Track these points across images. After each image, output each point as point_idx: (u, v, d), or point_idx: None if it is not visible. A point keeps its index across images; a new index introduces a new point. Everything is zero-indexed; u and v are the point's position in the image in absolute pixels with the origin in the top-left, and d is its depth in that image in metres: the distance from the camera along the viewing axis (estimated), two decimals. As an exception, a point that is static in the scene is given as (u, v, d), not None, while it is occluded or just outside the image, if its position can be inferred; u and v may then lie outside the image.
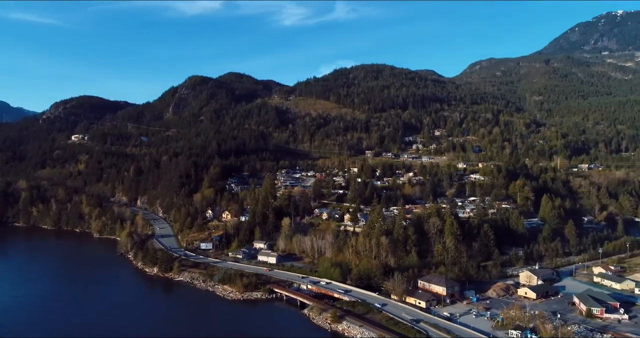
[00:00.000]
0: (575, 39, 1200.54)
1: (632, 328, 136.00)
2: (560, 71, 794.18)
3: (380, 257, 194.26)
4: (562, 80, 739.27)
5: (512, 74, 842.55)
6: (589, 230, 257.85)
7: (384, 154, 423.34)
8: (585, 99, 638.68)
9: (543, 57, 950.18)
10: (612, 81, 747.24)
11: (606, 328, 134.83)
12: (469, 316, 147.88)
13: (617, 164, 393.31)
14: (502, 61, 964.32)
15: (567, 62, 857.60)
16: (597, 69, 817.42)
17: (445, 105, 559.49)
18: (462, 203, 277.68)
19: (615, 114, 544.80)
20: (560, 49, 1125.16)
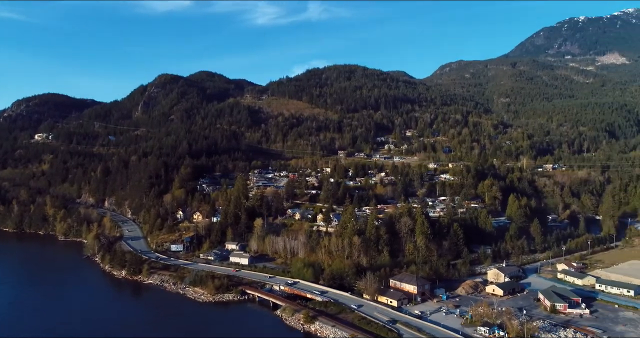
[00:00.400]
0: (540, 43, 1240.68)
1: (593, 322, 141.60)
2: (526, 74, 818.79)
3: (352, 256, 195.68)
4: (528, 83, 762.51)
5: (481, 76, 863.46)
6: (553, 228, 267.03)
7: (357, 154, 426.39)
8: (550, 101, 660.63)
9: (510, 60, 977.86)
10: (574, 84, 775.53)
11: (569, 323, 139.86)
12: (439, 314, 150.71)
13: (579, 164, 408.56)
14: (471, 63, 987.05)
15: (533, 66, 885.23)
16: (560, 73, 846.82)
17: (416, 106, 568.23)
18: (432, 203, 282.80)
19: (578, 116, 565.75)
20: (526, 53, 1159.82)
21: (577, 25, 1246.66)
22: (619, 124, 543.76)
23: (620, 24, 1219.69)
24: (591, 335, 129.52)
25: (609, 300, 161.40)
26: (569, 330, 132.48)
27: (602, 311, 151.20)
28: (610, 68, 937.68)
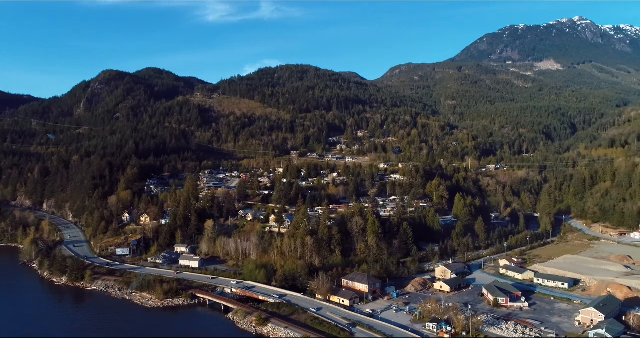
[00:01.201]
0: (484, 49, 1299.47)
1: (531, 314, 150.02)
2: (470, 78, 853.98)
3: (305, 257, 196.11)
4: (473, 87, 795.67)
5: (429, 79, 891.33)
6: (495, 225, 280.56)
7: (309, 154, 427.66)
8: (493, 104, 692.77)
9: (456, 64, 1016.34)
10: (515, 88, 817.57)
11: (510, 316, 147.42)
12: (389, 311, 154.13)
13: (519, 165, 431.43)
14: (420, 66, 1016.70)
15: (477, 70, 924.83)
16: (502, 77, 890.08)
17: (368, 107, 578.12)
18: (383, 203, 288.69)
19: (518, 119, 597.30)
20: (471, 57, 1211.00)
21: (517, 32, 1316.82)
22: (554, 127, 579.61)
23: (556, 32, 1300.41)
24: (530, 327, 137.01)
25: (546, 293, 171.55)
26: (510, 323, 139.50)
27: (540, 303, 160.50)
28: (547, 74, 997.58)
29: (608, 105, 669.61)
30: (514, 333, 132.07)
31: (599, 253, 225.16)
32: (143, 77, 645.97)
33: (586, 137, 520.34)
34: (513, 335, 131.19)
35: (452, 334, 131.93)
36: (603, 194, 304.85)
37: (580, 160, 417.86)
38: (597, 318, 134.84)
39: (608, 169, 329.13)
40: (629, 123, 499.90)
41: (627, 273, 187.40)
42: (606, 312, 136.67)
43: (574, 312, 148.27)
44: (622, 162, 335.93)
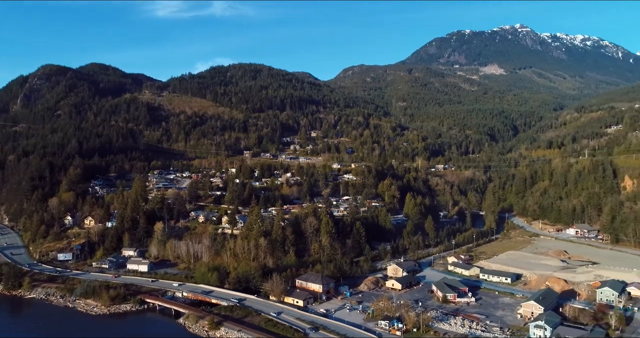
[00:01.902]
0: (433, 52, 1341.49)
1: (478, 309, 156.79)
2: (420, 80, 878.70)
3: (259, 258, 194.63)
4: (422, 89, 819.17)
5: (381, 81, 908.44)
6: (444, 224, 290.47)
7: (263, 154, 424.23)
8: (441, 106, 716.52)
9: (406, 67, 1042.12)
10: (461, 91, 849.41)
11: (458, 311, 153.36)
12: (343, 311, 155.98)
13: (465, 165, 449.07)
14: (372, 68, 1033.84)
15: (426, 73, 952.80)
16: (450, 80, 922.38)
17: (321, 108, 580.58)
18: (336, 203, 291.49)
19: (465, 121, 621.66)
20: (421, 60, 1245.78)
21: (463, 37, 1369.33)
22: (498, 129, 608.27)
23: (499, 39, 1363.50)
24: (476, 321, 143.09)
25: (490, 288, 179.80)
26: (457, 318, 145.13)
27: (485, 298, 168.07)
28: (491, 78, 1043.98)
29: (546, 109, 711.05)
30: (462, 328, 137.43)
31: (539, 249, 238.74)
32: (87, 73, 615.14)
33: (527, 138, 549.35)
34: (460, 330, 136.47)
35: (404, 331, 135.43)
36: (542, 193, 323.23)
37: (521, 161, 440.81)
38: (537, 310, 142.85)
39: (546, 169, 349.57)
40: (564, 126, 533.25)
41: (563, 267, 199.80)
42: (545, 305, 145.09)
43: (516, 305, 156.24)
44: (558, 162, 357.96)
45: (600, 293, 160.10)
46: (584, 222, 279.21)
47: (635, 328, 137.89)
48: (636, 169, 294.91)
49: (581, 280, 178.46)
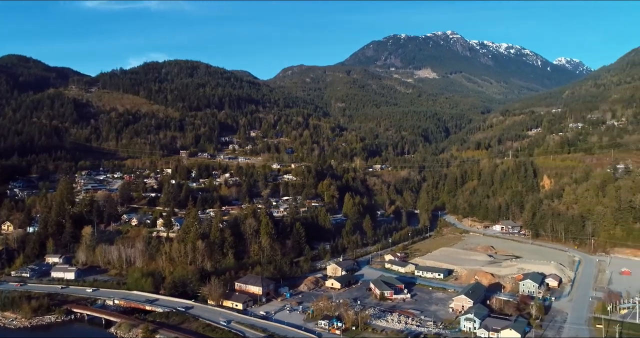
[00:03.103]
0: (370, 55, 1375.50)
1: (413, 305, 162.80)
2: (358, 82, 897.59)
3: (196, 261, 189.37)
4: (360, 90, 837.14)
5: (320, 81, 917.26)
6: (381, 222, 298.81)
7: (200, 154, 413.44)
8: (378, 107, 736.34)
9: (345, 68, 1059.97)
10: (397, 93, 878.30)
11: (395, 308, 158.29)
12: (283, 312, 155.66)
13: (401, 165, 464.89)
14: (311, 68, 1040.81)
15: (364, 75, 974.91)
16: (386, 82, 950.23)
17: (261, 107, 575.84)
18: (276, 203, 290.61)
19: (400, 122, 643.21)
20: (359, 62, 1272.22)
21: (399, 41, 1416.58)
22: (431, 130, 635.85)
23: (432, 44, 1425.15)
24: (412, 317, 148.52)
25: (425, 284, 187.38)
26: (394, 314, 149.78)
27: (420, 294, 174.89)
28: (425, 81, 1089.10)
29: (475, 112, 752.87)
30: (398, 324, 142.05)
31: (468, 245, 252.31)
32: (4, 65, 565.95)
33: (457, 140, 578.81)
34: (397, 326, 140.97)
35: (343, 330, 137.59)
36: (471, 192, 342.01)
37: (452, 161, 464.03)
38: (467, 304, 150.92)
39: (475, 169, 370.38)
40: (491, 128, 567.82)
41: (490, 262, 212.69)
42: (474, 298, 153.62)
43: (448, 299, 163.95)
44: (486, 162, 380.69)
45: (523, 286, 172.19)
46: (509, 218, 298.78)
47: (553, 316, 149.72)
48: (553, 169, 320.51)
49: (506, 273, 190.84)
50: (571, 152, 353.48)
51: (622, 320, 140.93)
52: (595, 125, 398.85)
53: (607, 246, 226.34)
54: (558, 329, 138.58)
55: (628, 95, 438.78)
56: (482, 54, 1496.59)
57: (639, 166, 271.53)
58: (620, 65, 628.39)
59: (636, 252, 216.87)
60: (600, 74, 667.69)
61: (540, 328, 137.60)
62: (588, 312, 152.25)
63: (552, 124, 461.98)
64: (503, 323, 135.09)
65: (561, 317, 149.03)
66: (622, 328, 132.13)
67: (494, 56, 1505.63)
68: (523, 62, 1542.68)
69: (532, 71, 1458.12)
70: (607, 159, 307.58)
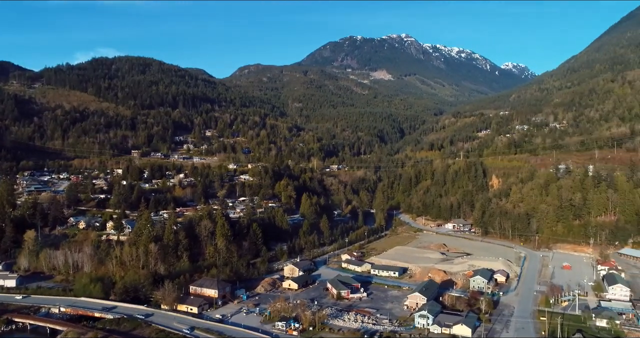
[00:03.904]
0: (327, 55, 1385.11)
1: (369, 303, 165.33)
2: (315, 82, 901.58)
3: (149, 265, 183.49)
4: (317, 91, 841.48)
5: (277, 81, 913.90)
6: (338, 222, 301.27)
7: (153, 154, 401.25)
8: (335, 108, 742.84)
9: (302, 68, 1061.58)
10: (354, 94, 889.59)
11: (351, 307, 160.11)
12: (240, 315, 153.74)
13: (358, 165, 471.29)
14: (268, 68, 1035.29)
15: (321, 75, 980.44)
16: (343, 83, 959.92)
17: (216, 106, 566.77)
18: (232, 204, 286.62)
19: (357, 122, 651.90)
20: (316, 63, 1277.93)
21: (355, 43, 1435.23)
22: (387, 131, 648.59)
23: (387, 46, 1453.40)
24: (368, 315, 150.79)
25: (380, 283, 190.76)
26: (351, 314, 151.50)
27: (376, 292, 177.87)
28: (380, 83, 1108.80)
29: (428, 113, 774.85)
30: (355, 323, 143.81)
31: (422, 243, 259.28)
32: None
33: (412, 140, 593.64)
34: (354, 325, 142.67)
35: (300, 330, 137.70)
36: (425, 191, 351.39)
37: (407, 161, 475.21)
38: (421, 301, 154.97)
39: (428, 169, 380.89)
40: (443, 129, 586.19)
41: (443, 260, 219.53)
42: (428, 295, 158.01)
43: (403, 297, 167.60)
44: (439, 163, 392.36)
45: (473, 282, 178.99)
46: (460, 217, 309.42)
47: (501, 310, 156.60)
48: (501, 169, 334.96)
49: (457, 270, 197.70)
50: (517, 153, 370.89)
51: (563, 312, 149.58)
52: (539, 128, 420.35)
53: (550, 242, 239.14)
54: (506, 323, 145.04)
55: (568, 99, 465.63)
56: (435, 57, 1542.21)
57: (578, 166, 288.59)
58: (562, 71, 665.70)
59: (576, 247, 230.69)
60: (543, 78, 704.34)
61: (489, 323, 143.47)
62: (533, 305, 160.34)
63: (500, 125, 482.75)
64: (455, 318, 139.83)
65: (508, 311, 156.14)
66: (563, 319, 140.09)
67: (446, 60, 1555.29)
68: (473, 66, 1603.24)
69: (481, 75, 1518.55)
70: (550, 160, 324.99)
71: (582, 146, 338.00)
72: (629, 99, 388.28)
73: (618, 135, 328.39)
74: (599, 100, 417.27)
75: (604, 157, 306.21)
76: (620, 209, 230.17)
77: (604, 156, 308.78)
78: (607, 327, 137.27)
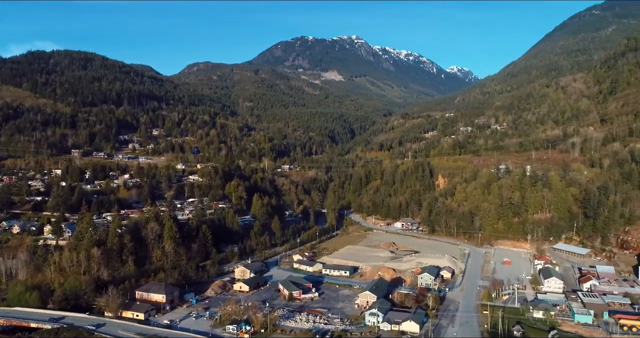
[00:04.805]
0: (279, 55, 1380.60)
1: (321, 303, 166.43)
2: (267, 81, 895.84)
3: (91, 271, 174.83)
4: (269, 90, 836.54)
5: (227, 79, 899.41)
6: (290, 222, 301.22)
7: (96, 153, 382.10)
8: (286, 108, 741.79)
9: (253, 67, 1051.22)
10: (305, 94, 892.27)
11: (303, 307, 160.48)
12: (189, 319, 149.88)
13: (309, 165, 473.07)
14: (218, 66, 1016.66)
15: (272, 74, 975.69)
16: (294, 83, 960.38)
17: (164, 104, 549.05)
18: (181, 205, 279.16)
19: (308, 123, 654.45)
20: (267, 62, 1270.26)
21: (307, 43, 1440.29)
22: (338, 131, 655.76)
23: (338, 47, 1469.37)
24: (319, 315, 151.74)
25: (332, 282, 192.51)
26: (302, 314, 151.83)
27: (328, 292, 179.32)
28: (332, 83, 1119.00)
29: (378, 114, 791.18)
30: (306, 323, 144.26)
31: (372, 242, 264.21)
32: None
33: (362, 141, 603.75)
34: (305, 325, 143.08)
35: (251, 333, 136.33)
36: (375, 191, 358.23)
37: (358, 161, 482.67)
38: (372, 299, 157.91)
39: (378, 169, 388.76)
40: (392, 130, 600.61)
41: (392, 258, 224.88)
42: (378, 293, 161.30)
43: (354, 296, 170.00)
44: (388, 163, 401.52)
45: (421, 279, 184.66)
46: (408, 216, 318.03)
47: (447, 305, 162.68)
48: (447, 169, 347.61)
49: (406, 268, 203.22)
50: (462, 153, 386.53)
51: (504, 305, 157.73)
52: (482, 129, 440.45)
53: (491, 239, 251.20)
54: (451, 317, 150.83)
55: (508, 103, 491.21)
56: (385, 59, 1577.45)
57: (517, 166, 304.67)
58: (502, 76, 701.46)
59: (515, 243, 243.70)
60: (486, 82, 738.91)
61: (436, 318, 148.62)
62: (476, 299, 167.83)
63: (445, 127, 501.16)
64: (404, 315, 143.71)
65: (454, 306, 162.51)
66: (504, 312, 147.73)
67: (395, 62, 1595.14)
68: (421, 68, 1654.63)
69: (428, 77, 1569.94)
70: (492, 160, 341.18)
71: (520, 147, 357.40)
72: (562, 103, 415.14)
73: (552, 137, 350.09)
74: (536, 104, 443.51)
75: (540, 158, 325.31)
76: (554, 207, 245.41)
77: (540, 157, 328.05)
78: (543, 318, 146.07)
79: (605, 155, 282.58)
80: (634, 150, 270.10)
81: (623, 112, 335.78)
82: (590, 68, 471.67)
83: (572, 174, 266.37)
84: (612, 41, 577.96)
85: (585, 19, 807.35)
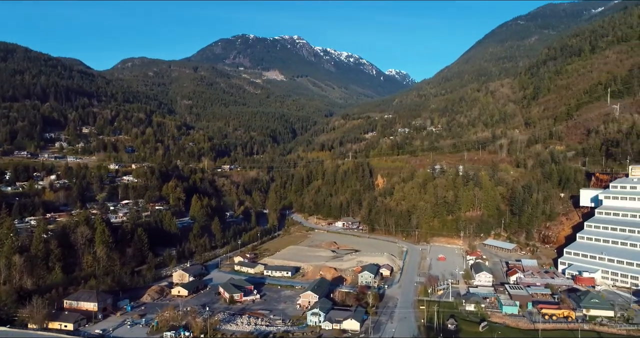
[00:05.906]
0: (219, 52, 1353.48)
1: (262, 305, 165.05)
2: (206, 79, 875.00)
3: (12, 280, 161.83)
4: (208, 88, 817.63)
5: (164, 76, 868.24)
6: (230, 224, 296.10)
7: (17, 152, 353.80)
8: (227, 107, 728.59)
9: (192, 64, 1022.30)
10: (246, 93, 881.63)
11: (244, 310, 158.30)
12: (123, 327, 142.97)
13: (250, 165, 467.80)
14: (154, 62, 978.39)
15: (212, 72, 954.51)
16: (235, 82, 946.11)
17: (95, 101, 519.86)
18: (114, 208, 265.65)
19: (250, 122, 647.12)
20: (207, 59, 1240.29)
21: (248, 41, 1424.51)
22: (279, 131, 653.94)
23: (280, 47, 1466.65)
24: (261, 317, 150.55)
25: (274, 283, 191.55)
26: (244, 317, 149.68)
27: (269, 293, 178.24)
28: (273, 83, 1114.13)
29: (319, 115, 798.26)
30: (248, 326, 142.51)
31: (314, 242, 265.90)
32: None
33: (304, 141, 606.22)
34: (247, 328, 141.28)
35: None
36: (316, 191, 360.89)
37: (299, 162, 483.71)
38: (313, 299, 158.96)
39: (320, 169, 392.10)
40: (333, 131, 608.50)
41: (333, 257, 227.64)
42: (319, 293, 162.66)
43: (296, 296, 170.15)
44: (329, 163, 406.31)
45: (361, 277, 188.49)
46: (349, 215, 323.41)
47: (386, 302, 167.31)
48: (386, 169, 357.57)
49: (347, 267, 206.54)
50: (400, 154, 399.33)
51: (439, 300, 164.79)
52: (419, 131, 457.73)
53: (427, 236, 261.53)
54: (390, 314, 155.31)
55: (443, 105, 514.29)
56: (326, 60, 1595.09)
57: (451, 167, 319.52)
58: (437, 79, 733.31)
59: (449, 240, 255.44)
60: (422, 86, 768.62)
61: (375, 315, 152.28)
62: (414, 295, 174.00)
63: (384, 128, 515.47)
64: (345, 314, 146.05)
65: (393, 302, 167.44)
66: (439, 307, 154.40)
67: (336, 63, 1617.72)
68: (361, 70, 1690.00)
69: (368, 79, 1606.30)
70: (428, 161, 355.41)
71: (454, 148, 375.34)
72: (491, 107, 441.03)
73: (482, 139, 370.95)
74: (467, 107, 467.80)
75: (472, 158, 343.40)
76: (484, 205, 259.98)
77: (472, 157, 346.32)
78: (474, 310, 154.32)
79: (529, 156, 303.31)
80: (553, 152, 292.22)
81: (544, 116, 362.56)
82: (515, 74, 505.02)
83: (500, 174, 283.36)
84: (535, 50, 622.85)
85: (512, 28, 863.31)
